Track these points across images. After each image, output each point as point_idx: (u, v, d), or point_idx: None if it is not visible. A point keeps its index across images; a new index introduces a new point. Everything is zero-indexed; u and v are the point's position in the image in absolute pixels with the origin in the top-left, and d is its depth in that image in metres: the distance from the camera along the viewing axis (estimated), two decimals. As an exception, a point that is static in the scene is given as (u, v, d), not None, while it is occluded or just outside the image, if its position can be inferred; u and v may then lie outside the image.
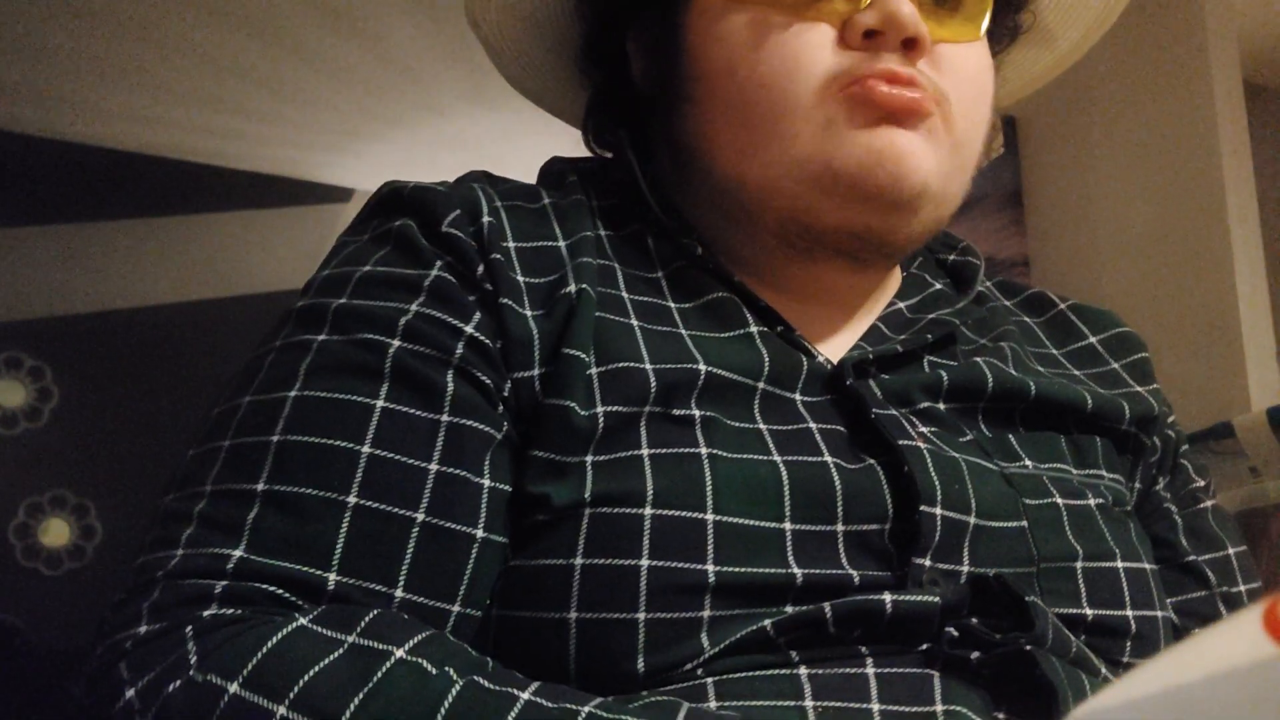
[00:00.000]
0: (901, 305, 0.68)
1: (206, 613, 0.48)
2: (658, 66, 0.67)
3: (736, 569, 0.50)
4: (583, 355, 0.55)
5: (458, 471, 0.52)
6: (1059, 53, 0.79)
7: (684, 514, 0.51)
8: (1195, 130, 1.81)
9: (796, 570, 0.51)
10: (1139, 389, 0.69)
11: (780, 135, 0.59)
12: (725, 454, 0.53)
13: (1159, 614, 0.60)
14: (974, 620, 0.52)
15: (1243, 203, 1.78)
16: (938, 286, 0.70)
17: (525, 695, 0.45)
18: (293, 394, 0.53)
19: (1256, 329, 1.73)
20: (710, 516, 0.51)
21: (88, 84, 2.66)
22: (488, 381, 0.55)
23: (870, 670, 0.50)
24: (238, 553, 0.49)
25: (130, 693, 0.46)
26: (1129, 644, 0.58)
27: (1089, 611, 0.57)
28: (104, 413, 3.21)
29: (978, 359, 0.65)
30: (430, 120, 2.90)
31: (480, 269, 0.57)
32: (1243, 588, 0.68)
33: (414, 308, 0.55)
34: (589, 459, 0.53)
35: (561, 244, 0.60)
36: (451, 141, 2.97)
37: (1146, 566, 0.61)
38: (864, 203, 0.59)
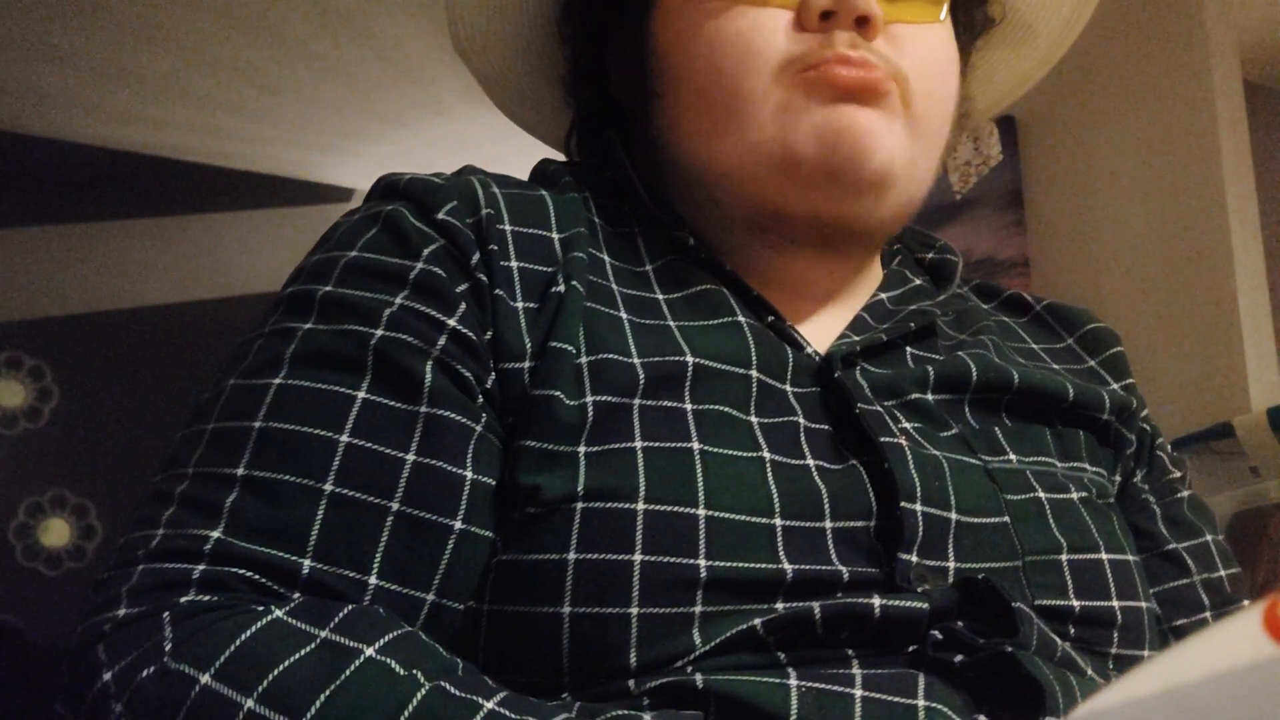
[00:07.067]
0: (883, 297, 0.69)
1: (184, 599, 0.48)
2: (631, 72, 0.68)
3: (728, 564, 0.51)
4: (570, 348, 0.55)
5: (434, 463, 0.53)
6: (1041, 50, 0.80)
7: (676, 509, 0.51)
8: (1195, 130, 1.81)
9: (787, 566, 0.51)
10: (1114, 385, 0.71)
11: (739, 121, 0.61)
12: (717, 449, 0.54)
13: (1143, 605, 0.60)
14: (959, 624, 0.52)
15: (1243, 203, 1.77)
16: (917, 282, 0.72)
17: (489, 705, 0.45)
18: (276, 381, 0.54)
19: (1256, 329, 1.73)
20: (702, 511, 0.51)
21: (88, 84, 2.66)
22: (468, 375, 0.55)
23: (856, 671, 0.50)
24: (215, 534, 0.50)
25: (107, 675, 0.47)
26: (1116, 634, 0.58)
27: (1076, 603, 0.57)
28: (104, 413, 3.21)
29: (960, 352, 0.65)
30: (430, 120, 2.90)
31: (475, 257, 0.57)
32: (1223, 573, 0.69)
33: (399, 300, 0.55)
34: (581, 449, 0.53)
35: (555, 236, 0.60)
36: (451, 141, 2.97)
37: (1130, 558, 0.62)
38: (828, 186, 0.60)
